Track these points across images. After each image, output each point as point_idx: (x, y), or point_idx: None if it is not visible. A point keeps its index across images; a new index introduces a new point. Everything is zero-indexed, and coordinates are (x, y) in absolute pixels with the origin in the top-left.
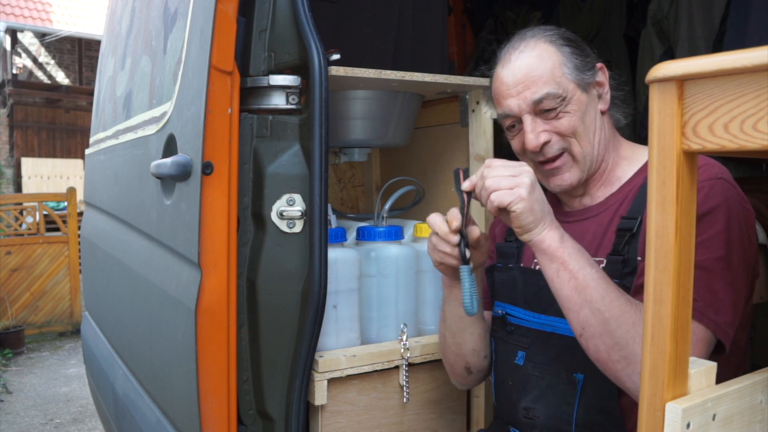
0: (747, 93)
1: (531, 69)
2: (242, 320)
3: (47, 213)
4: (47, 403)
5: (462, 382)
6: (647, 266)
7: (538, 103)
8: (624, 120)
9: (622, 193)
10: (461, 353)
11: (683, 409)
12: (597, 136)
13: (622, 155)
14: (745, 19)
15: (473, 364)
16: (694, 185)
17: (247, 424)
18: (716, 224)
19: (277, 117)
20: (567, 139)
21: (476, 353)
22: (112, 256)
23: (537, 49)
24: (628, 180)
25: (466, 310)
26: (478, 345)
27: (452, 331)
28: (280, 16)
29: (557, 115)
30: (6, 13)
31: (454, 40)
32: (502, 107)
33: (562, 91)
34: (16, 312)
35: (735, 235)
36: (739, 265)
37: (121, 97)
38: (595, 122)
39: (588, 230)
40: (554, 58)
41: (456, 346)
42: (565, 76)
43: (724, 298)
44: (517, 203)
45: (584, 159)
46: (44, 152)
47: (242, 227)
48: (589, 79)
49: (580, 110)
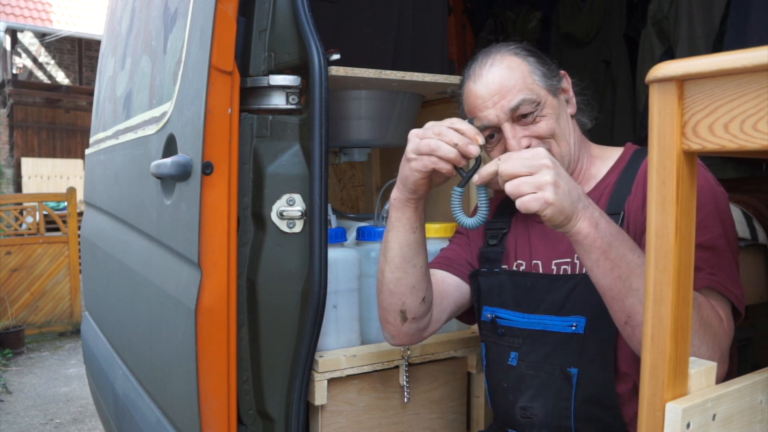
0: (747, 93)
1: (504, 79)
2: (242, 320)
3: (47, 213)
4: (47, 403)
5: (394, 333)
6: (647, 266)
7: (515, 110)
8: (590, 123)
9: (599, 191)
10: (399, 291)
11: (683, 409)
12: (572, 138)
13: (594, 155)
14: (745, 19)
15: (410, 307)
16: (694, 185)
17: (247, 424)
18: (705, 206)
19: (277, 117)
20: (546, 141)
21: (415, 292)
22: (112, 256)
23: (505, 61)
24: (603, 178)
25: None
26: (419, 282)
27: (393, 264)
28: (280, 16)
29: (534, 119)
30: (6, 13)
31: (454, 40)
32: (480, 120)
33: (536, 96)
34: (16, 312)
35: (723, 212)
36: (734, 242)
37: (121, 97)
38: (568, 125)
39: None
40: (523, 67)
41: (395, 282)
42: (536, 83)
43: (734, 272)
44: (545, 209)
45: (563, 159)
46: (44, 152)
47: (242, 227)
48: (557, 85)
49: (555, 113)
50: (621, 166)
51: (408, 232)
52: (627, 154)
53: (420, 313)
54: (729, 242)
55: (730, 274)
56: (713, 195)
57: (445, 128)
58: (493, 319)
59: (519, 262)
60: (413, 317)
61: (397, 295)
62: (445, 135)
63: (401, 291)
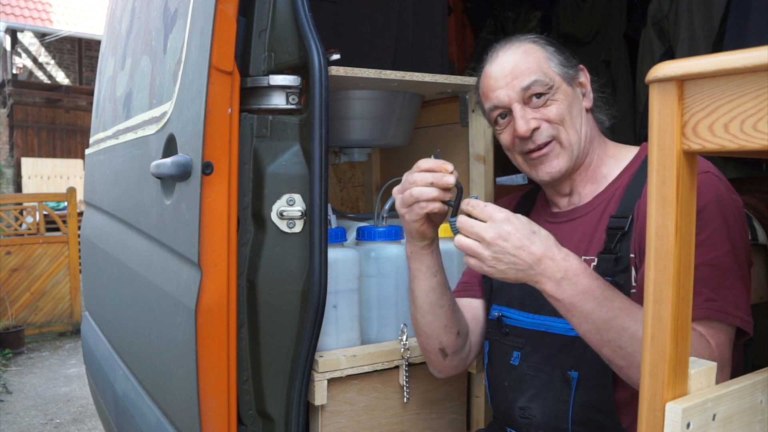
0: (747, 93)
1: (518, 62)
2: (242, 320)
3: (47, 213)
4: (47, 403)
5: (439, 368)
6: (647, 266)
7: (527, 90)
8: (608, 122)
9: (609, 193)
10: (433, 333)
11: (683, 409)
12: (583, 129)
13: (608, 153)
14: (745, 19)
15: (447, 344)
16: (694, 185)
17: (247, 424)
18: (713, 221)
19: (277, 117)
20: (555, 126)
21: (448, 329)
22: (112, 256)
23: (522, 47)
24: (614, 179)
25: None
26: (449, 320)
27: (423, 310)
28: (280, 16)
29: (545, 102)
30: (6, 13)
31: (454, 40)
32: (490, 100)
33: (549, 80)
34: (16, 312)
35: (732, 227)
36: (743, 256)
37: (121, 97)
38: (581, 116)
39: (576, 230)
40: (539, 53)
41: (428, 326)
42: (551, 68)
43: (740, 292)
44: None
45: (571, 146)
46: (44, 152)
47: (242, 227)
48: (573, 74)
49: (567, 100)
50: (634, 168)
51: (430, 278)
52: (641, 156)
53: (458, 346)
54: (737, 259)
55: (735, 294)
56: (721, 210)
57: (416, 174)
58: (499, 317)
59: None
60: (453, 352)
61: (432, 336)
62: (418, 180)
63: (436, 332)
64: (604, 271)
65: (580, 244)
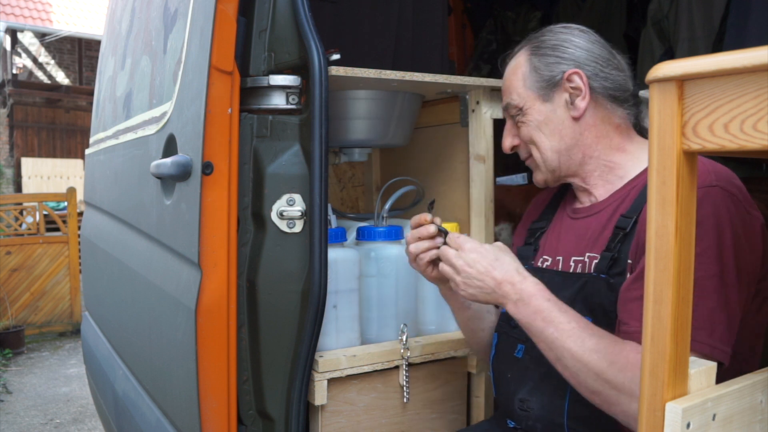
0: (747, 93)
1: (506, 78)
2: (242, 320)
3: (47, 213)
4: (47, 403)
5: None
6: (647, 266)
7: (506, 110)
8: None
9: (625, 191)
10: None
11: (683, 409)
12: (564, 143)
13: (628, 152)
14: (745, 19)
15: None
16: (694, 185)
17: (247, 424)
18: (706, 238)
19: (277, 117)
20: (528, 145)
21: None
22: (112, 256)
23: (516, 60)
24: (634, 177)
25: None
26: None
27: (467, 335)
28: (280, 16)
29: (517, 123)
30: (6, 13)
31: (454, 40)
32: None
33: (521, 101)
34: (16, 312)
35: (728, 247)
36: (735, 279)
37: (121, 97)
38: (561, 130)
39: (590, 227)
40: (522, 69)
41: (476, 343)
42: (526, 88)
43: (719, 318)
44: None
45: (544, 164)
46: (44, 152)
47: (242, 227)
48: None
49: (536, 121)
50: None
51: (465, 311)
52: None
53: None
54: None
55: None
56: (718, 228)
57: (408, 234)
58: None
59: (545, 257)
60: None
61: (483, 351)
62: (409, 238)
63: (482, 347)
64: (601, 269)
65: (589, 241)
